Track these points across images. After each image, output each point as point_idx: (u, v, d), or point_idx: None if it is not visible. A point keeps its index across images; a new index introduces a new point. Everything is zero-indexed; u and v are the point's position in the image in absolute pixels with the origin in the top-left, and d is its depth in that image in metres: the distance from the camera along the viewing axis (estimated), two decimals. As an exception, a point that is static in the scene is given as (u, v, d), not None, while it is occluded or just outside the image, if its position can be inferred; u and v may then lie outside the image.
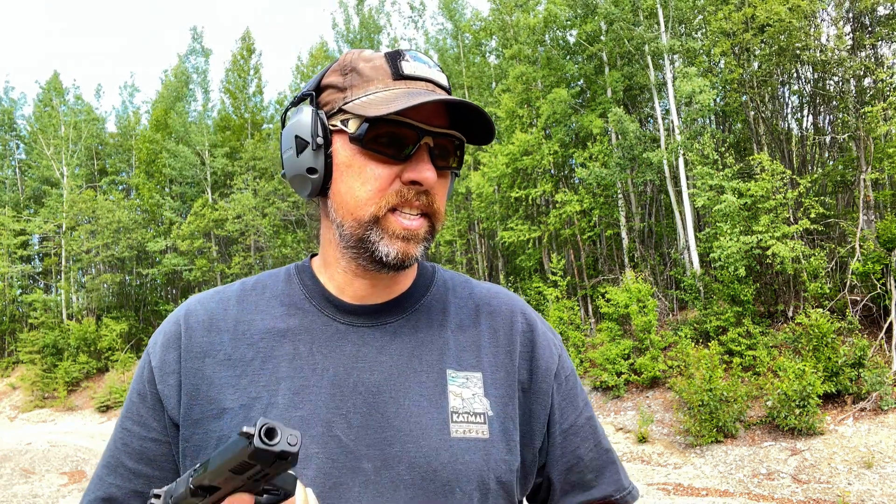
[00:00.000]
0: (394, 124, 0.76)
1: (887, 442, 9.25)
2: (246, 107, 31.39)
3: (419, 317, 0.86)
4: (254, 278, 0.91)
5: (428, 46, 27.90)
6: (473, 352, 0.85)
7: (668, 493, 8.94)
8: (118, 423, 0.84)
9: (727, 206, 12.55)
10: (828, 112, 16.31)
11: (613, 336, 14.24)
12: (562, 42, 19.84)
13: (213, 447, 0.76)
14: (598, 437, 0.92)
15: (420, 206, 0.79)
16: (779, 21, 13.33)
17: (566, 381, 0.90)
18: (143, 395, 0.82)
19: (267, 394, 0.78)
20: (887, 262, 11.45)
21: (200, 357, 0.81)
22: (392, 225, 0.78)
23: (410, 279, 0.89)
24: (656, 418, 12.08)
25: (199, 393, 0.79)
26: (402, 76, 0.78)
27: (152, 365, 0.83)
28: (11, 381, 27.45)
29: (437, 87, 0.80)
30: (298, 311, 0.84)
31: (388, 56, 0.80)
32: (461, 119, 0.81)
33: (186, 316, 0.85)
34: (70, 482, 11.96)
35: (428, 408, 0.79)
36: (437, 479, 0.75)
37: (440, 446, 0.77)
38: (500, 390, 0.84)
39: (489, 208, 19.58)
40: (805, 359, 10.75)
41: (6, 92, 36.06)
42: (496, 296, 0.93)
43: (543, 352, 0.89)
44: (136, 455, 0.81)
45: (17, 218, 30.90)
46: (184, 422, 0.79)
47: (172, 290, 30.77)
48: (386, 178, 0.77)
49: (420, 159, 0.77)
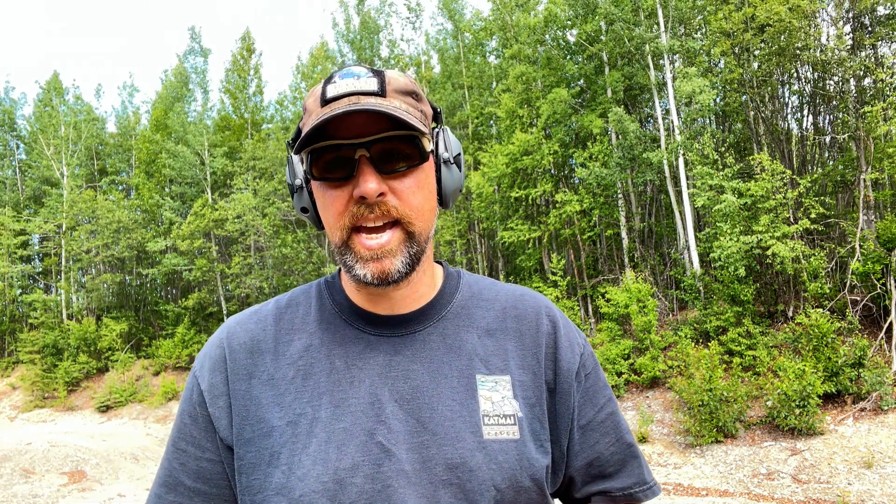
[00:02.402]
0: (331, 149, 0.79)
1: (887, 442, 9.25)
2: (246, 107, 31.38)
3: (446, 324, 0.89)
4: (287, 296, 0.95)
5: (428, 47, 27.93)
6: (501, 356, 0.88)
7: (668, 493, 8.94)
8: (171, 443, 0.88)
9: (727, 206, 12.54)
10: (828, 112, 16.31)
11: (613, 336, 14.24)
12: (562, 42, 19.83)
13: (266, 464, 0.80)
14: (619, 433, 0.94)
15: (376, 217, 0.79)
16: (779, 21, 13.33)
17: (586, 378, 0.93)
18: (195, 417, 0.86)
19: (311, 409, 0.82)
20: (887, 262, 11.45)
21: (246, 379, 0.85)
22: (357, 248, 0.80)
23: (433, 286, 0.92)
24: (656, 418, 12.08)
25: (248, 413, 0.83)
26: (327, 101, 0.79)
27: (202, 388, 0.86)
28: (11, 381, 27.44)
29: (361, 97, 0.78)
30: (331, 326, 0.88)
31: (323, 83, 0.81)
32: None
33: (229, 339, 0.89)
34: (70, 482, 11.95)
35: (460, 411, 0.83)
36: (473, 479, 0.79)
37: (475, 448, 0.81)
38: (528, 392, 0.87)
39: (489, 208, 19.58)
40: (805, 359, 10.75)
41: (6, 92, 36.04)
42: (521, 298, 0.95)
43: (565, 353, 0.91)
44: (194, 474, 0.85)
45: (17, 218, 30.88)
46: (237, 442, 0.83)
47: (172, 290, 30.75)
48: (340, 200, 0.80)
49: (360, 173, 0.78)
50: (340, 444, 0.79)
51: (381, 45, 28.49)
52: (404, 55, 28.51)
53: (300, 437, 0.80)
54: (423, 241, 0.83)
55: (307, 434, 0.80)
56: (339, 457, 0.78)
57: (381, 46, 28.45)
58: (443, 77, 25.14)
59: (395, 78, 0.82)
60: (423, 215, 0.82)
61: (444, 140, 0.87)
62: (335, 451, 0.78)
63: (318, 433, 0.79)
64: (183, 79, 32.27)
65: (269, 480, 0.79)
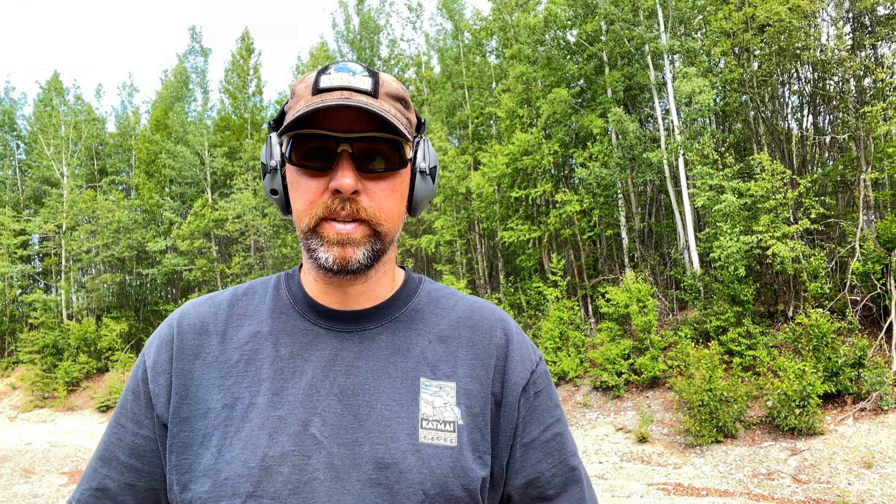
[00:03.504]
0: (315, 138, 0.80)
1: (887, 442, 9.25)
2: (245, 107, 31.40)
3: (398, 325, 0.89)
4: (246, 285, 0.96)
5: (428, 47, 27.92)
6: (450, 362, 0.87)
7: (668, 493, 8.94)
8: (113, 418, 0.89)
9: (727, 205, 12.55)
10: (828, 112, 16.31)
11: (613, 336, 14.25)
12: (562, 42, 19.82)
13: (198, 445, 0.80)
14: (564, 455, 0.91)
15: (347, 214, 0.80)
16: (779, 21, 13.33)
17: (535, 396, 0.90)
18: (137, 394, 0.87)
19: (249, 394, 0.82)
20: (887, 262, 11.45)
21: (191, 359, 0.86)
22: (326, 231, 0.81)
23: (392, 288, 0.92)
24: (656, 418, 12.08)
25: (187, 393, 0.83)
26: (319, 90, 0.80)
27: (146, 365, 0.87)
28: (11, 381, 27.45)
29: (353, 94, 0.80)
30: (283, 315, 0.88)
31: (317, 72, 0.83)
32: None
33: (180, 320, 0.90)
34: (70, 482, 11.95)
35: (399, 412, 0.81)
36: (402, 481, 0.78)
37: (408, 450, 0.79)
38: (473, 401, 0.85)
39: (489, 208, 19.58)
40: (805, 359, 10.75)
41: (6, 92, 36.07)
42: (479, 310, 0.94)
43: (515, 367, 0.90)
44: (129, 450, 0.86)
45: (17, 218, 30.90)
46: (172, 420, 0.83)
47: (172, 290, 30.77)
48: (315, 190, 0.81)
49: (339, 167, 0.79)
50: (273, 431, 0.78)
51: (380, 45, 28.51)
52: (404, 55, 28.52)
53: (234, 420, 0.80)
54: (387, 242, 0.84)
55: (241, 418, 0.80)
56: (270, 444, 0.77)
57: (380, 46, 28.46)
58: (443, 77, 25.14)
59: (388, 81, 0.84)
60: (392, 218, 0.84)
61: (423, 150, 0.89)
62: (266, 437, 0.78)
63: (253, 419, 0.79)
64: (183, 79, 32.30)
65: (199, 461, 0.79)
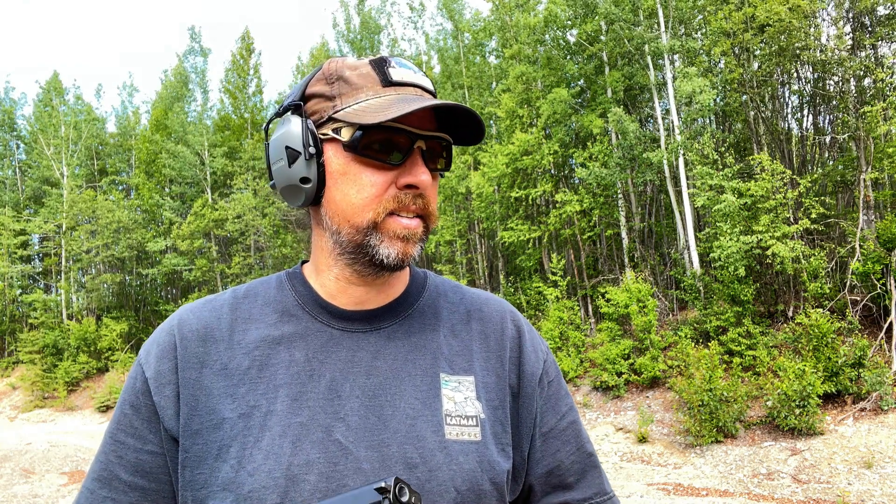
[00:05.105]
0: (387, 131, 0.78)
1: (887, 442, 9.25)
2: (245, 106, 31.39)
3: (412, 321, 0.87)
4: (244, 286, 0.91)
5: (428, 47, 27.91)
6: (465, 356, 0.87)
7: (668, 493, 8.94)
8: (108, 435, 0.82)
9: (727, 205, 12.55)
10: (828, 112, 16.31)
11: (613, 336, 14.24)
12: (562, 42, 19.83)
13: (214, 458, 0.76)
14: (580, 442, 0.92)
15: (416, 209, 0.81)
16: (779, 21, 13.33)
17: (549, 385, 0.92)
18: (137, 407, 0.81)
19: (265, 402, 0.78)
20: (887, 262, 11.45)
21: (197, 367, 0.80)
22: (392, 226, 0.79)
23: (403, 285, 0.91)
24: (656, 418, 12.08)
25: (198, 403, 0.79)
26: (392, 83, 0.80)
27: (146, 376, 0.81)
28: (11, 381, 27.45)
29: (424, 92, 0.82)
30: (292, 318, 0.85)
31: (374, 63, 0.81)
32: (448, 121, 0.84)
33: (180, 326, 0.84)
34: (70, 482, 11.96)
35: (422, 410, 0.80)
36: (433, 480, 0.77)
37: (436, 447, 0.78)
38: (492, 394, 0.85)
39: (489, 208, 19.58)
40: (805, 359, 10.75)
41: (6, 92, 36.07)
42: (487, 302, 0.95)
43: (529, 357, 0.90)
44: (132, 467, 0.80)
45: (17, 218, 30.90)
46: (183, 433, 0.78)
47: (172, 290, 30.77)
48: (382, 183, 0.79)
49: (414, 163, 0.79)
50: (296, 438, 0.75)
51: (381, 45, 28.49)
52: (405, 55, 28.50)
53: (252, 430, 0.76)
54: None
55: (260, 427, 0.76)
56: (294, 452, 0.74)
57: (381, 46, 28.45)
58: (443, 77, 25.14)
59: None
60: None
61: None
62: (290, 445, 0.75)
63: (273, 427, 0.76)
64: (183, 79, 32.28)
65: (216, 475, 0.75)
